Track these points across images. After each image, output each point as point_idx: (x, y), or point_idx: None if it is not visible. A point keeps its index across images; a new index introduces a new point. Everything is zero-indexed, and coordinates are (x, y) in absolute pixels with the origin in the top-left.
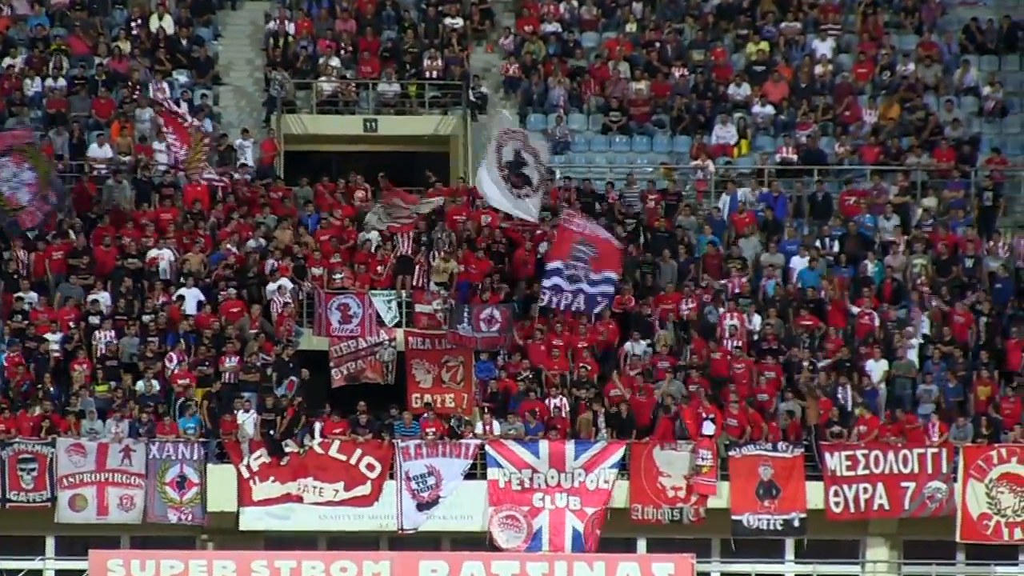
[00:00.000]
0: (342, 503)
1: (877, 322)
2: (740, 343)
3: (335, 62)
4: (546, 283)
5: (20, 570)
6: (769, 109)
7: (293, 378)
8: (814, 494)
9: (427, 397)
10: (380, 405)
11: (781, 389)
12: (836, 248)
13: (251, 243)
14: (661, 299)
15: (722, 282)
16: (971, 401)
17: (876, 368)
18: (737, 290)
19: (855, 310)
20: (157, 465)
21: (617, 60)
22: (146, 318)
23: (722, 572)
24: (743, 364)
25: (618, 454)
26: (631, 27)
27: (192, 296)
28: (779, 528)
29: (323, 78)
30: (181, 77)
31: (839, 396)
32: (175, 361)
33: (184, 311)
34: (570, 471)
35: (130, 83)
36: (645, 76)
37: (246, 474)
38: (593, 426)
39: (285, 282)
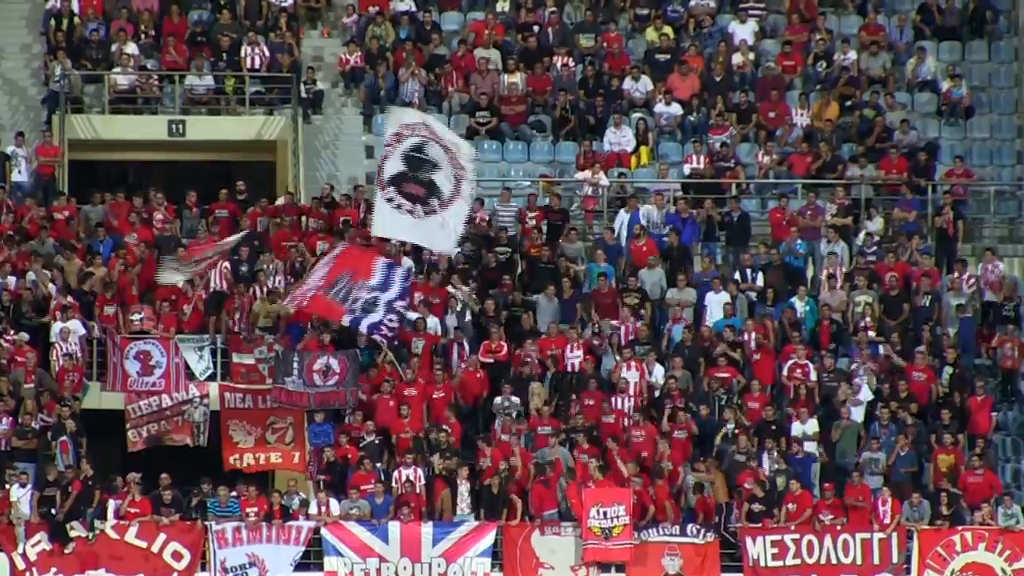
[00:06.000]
0: None
1: (812, 375)
2: (638, 401)
3: (132, 49)
4: (364, 328)
5: None
6: (675, 108)
7: (65, 438)
8: None
9: (248, 457)
10: (189, 478)
11: (690, 459)
12: (760, 282)
13: (27, 276)
14: (541, 345)
15: (614, 323)
16: (928, 472)
17: (809, 431)
18: (631, 335)
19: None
20: None
21: (485, 47)
22: None
23: None
24: (643, 431)
25: (488, 539)
26: (503, 5)
27: None
28: None
29: (117, 69)
30: None
31: (763, 465)
32: None
33: None
34: (427, 560)
35: None
36: (520, 67)
37: (21, 565)
38: (454, 505)
39: (74, 324)
